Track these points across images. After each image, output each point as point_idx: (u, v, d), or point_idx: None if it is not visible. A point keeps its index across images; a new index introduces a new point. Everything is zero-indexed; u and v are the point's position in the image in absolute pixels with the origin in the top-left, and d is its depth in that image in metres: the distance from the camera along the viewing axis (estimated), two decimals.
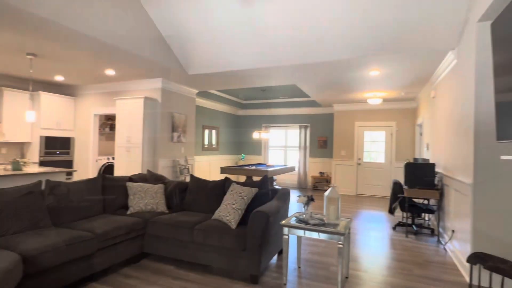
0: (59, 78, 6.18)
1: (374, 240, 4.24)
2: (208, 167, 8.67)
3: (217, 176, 9.03)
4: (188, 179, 6.65)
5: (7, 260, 1.96)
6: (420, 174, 4.39)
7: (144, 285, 2.74)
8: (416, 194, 4.34)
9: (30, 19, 3.20)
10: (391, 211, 4.80)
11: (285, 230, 2.78)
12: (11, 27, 3.45)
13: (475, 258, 1.61)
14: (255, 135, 7.93)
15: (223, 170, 6.84)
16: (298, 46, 4.28)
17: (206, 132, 8.71)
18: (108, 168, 7.16)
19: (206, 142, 8.69)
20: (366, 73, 5.09)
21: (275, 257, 3.48)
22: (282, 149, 9.95)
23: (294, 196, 7.75)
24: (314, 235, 2.67)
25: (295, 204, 6.71)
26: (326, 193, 2.87)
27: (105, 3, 3.68)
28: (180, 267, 3.15)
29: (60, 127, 6.78)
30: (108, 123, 8.18)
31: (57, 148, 6.73)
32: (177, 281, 2.83)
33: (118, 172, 5.94)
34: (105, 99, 6.66)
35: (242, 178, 9.77)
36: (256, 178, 8.06)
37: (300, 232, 2.73)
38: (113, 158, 7.22)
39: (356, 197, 8.09)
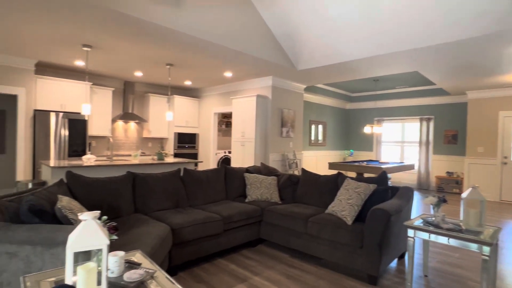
0: (187, 82, 7.25)
1: None
2: (314, 162, 8.62)
3: (324, 172, 8.88)
4: (296, 173, 6.78)
5: (162, 230, 2.44)
6: None
7: (262, 267, 2.95)
8: None
9: (170, 34, 3.85)
10: None
11: (410, 232, 2.50)
12: (156, 43, 4.24)
13: None
14: (367, 129, 7.42)
15: (332, 165, 6.68)
16: (422, 27, 3.75)
17: (313, 127, 8.67)
18: (224, 161, 8.01)
19: (312, 137, 8.66)
20: None
21: (394, 261, 3.18)
22: (398, 144, 8.98)
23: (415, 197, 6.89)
24: (441, 239, 2.32)
25: (416, 206, 5.96)
26: (464, 195, 2.43)
27: (227, 12, 4.09)
28: (294, 256, 3.25)
29: (188, 125, 7.97)
30: (224, 120, 9.14)
31: (186, 142, 7.94)
32: (292, 269, 2.93)
33: (234, 164, 6.57)
34: (222, 99, 7.44)
35: (351, 175, 9.29)
36: (367, 175, 7.54)
37: (425, 235, 2.41)
38: (229, 152, 8.03)
39: (499, 204, 6.58)
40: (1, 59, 5.06)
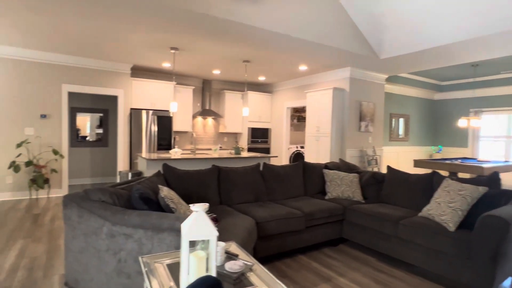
0: (261, 78, 7.35)
1: None
2: (395, 159, 7.92)
3: (407, 170, 8.09)
4: (376, 170, 6.33)
5: (248, 222, 2.51)
6: None
7: (346, 268, 2.81)
8: None
9: (249, 31, 3.91)
10: None
11: None
12: (236, 41, 4.35)
13: None
14: (462, 122, 6.48)
15: (418, 163, 6.03)
16: None
17: (393, 120, 7.95)
18: (297, 156, 7.93)
19: (394, 131, 7.95)
20: None
21: (509, 279, 2.70)
22: (502, 140, 7.63)
23: None
24: None
25: None
26: None
27: (304, 2, 3.97)
28: (380, 260, 3.02)
29: (261, 120, 8.11)
30: (295, 115, 9.04)
31: (259, 137, 8.10)
32: (380, 273, 2.73)
33: (308, 159, 6.44)
34: (295, 93, 7.35)
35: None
36: (462, 175, 6.63)
37: None
38: (301, 147, 7.92)
39: None
40: (105, 65, 5.87)
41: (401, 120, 8.11)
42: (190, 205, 1.25)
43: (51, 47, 5.01)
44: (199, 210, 1.23)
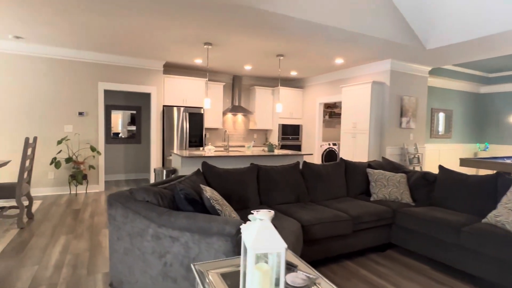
0: (293, 73, 7.12)
1: None
2: (437, 157, 7.41)
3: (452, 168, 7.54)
4: (418, 169, 5.93)
5: (294, 225, 2.35)
6: None
7: (399, 277, 2.58)
8: None
9: (285, 21, 3.71)
10: None
11: None
12: (272, 33, 4.17)
13: None
14: None
15: (464, 162, 5.57)
16: None
17: (435, 116, 7.43)
18: (329, 153, 7.64)
19: (435, 127, 7.43)
20: None
21: None
22: None
23: None
24: None
25: None
26: None
27: None
28: (437, 269, 2.75)
29: (292, 116, 7.89)
30: (327, 111, 8.71)
31: (289, 134, 7.89)
32: (438, 284, 2.47)
33: (343, 157, 6.16)
34: (329, 88, 7.05)
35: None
36: None
37: None
38: (333, 144, 7.61)
39: None
40: (139, 62, 5.92)
41: (441, 115, 7.57)
42: (253, 211, 1.10)
43: (89, 46, 5.10)
44: (264, 218, 1.08)
